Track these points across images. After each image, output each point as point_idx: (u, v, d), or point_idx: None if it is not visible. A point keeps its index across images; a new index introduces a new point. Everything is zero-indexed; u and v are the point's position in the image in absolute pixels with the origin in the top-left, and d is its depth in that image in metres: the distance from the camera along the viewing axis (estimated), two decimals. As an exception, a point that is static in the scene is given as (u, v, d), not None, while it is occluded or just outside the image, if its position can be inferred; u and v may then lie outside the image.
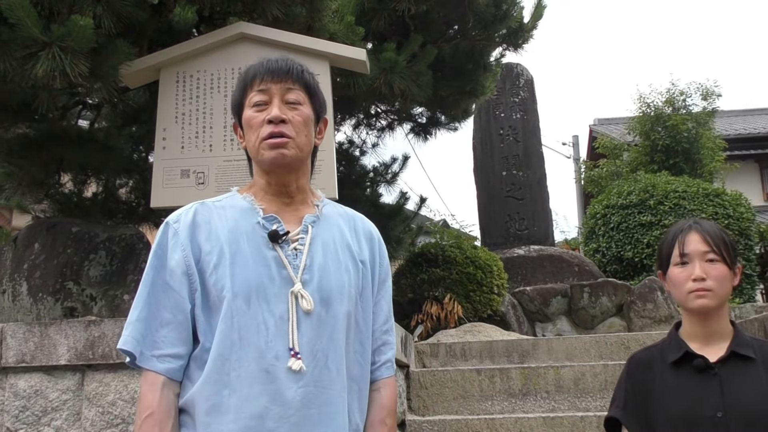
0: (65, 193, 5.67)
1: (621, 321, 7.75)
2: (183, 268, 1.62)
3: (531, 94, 10.69)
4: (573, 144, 21.58)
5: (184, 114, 4.20)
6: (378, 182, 7.31)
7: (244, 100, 1.73)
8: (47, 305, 4.25)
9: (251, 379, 1.54)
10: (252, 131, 1.70)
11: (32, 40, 3.46)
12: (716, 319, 1.94)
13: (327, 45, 4.31)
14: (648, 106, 14.90)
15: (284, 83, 1.70)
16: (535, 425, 4.06)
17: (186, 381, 1.62)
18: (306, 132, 1.71)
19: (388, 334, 1.83)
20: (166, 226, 1.69)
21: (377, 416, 1.75)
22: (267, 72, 1.71)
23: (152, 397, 1.57)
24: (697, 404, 1.85)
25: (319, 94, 1.78)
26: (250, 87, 1.72)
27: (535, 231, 10.00)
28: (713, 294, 1.89)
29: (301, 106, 1.71)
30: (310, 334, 1.59)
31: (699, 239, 1.94)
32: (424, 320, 6.81)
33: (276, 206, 1.72)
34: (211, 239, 1.64)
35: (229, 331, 1.56)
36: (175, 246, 1.64)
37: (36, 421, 3.25)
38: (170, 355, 1.60)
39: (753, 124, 22.10)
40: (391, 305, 1.87)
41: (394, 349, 1.85)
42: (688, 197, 9.97)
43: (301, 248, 1.66)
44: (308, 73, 1.76)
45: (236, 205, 1.72)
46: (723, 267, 1.91)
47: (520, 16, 5.98)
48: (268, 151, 1.66)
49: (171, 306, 1.62)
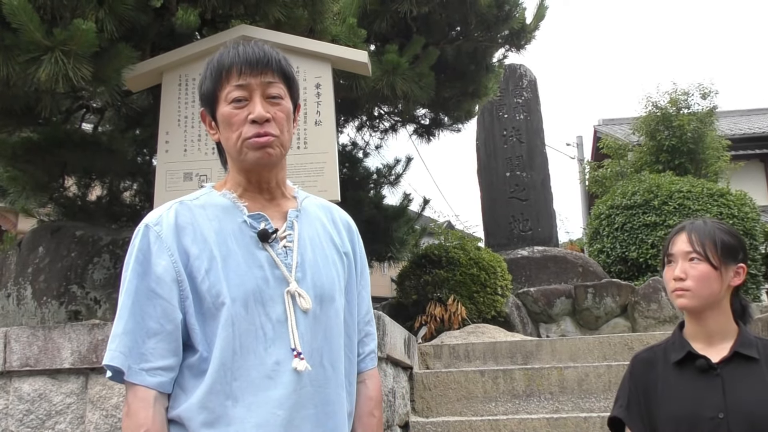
0: (69, 196, 5.69)
1: (625, 321, 7.74)
2: (172, 274, 1.53)
3: (534, 95, 10.69)
4: (577, 144, 21.55)
5: (186, 117, 4.21)
6: (381, 184, 7.31)
7: (219, 92, 1.62)
8: (52, 309, 4.27)
9: (254, 388, 1.50)
10: (232, 130, 1.60)
11: (35, 45, 3.47)
12: (713, 318, 1.94)
13: (329, 47, 4.31)
14: (654, 106, 14.89)
15: (264, 76, 1.60)
16: (539, 426, 4.06)
17: (178, 391, 1.54)
18: (288, 127, 1.64)
19: (370, 325, 1.81)
20: (146, 229, 1.57)
21: (365, 408, 1.73)
22: (245, 63, 1.59)
23: (145, 414, 1.48)
24: (699, 405, 1.85)
25: (296, 81, 1.70)
26: (227, 79, 1.61)
27: (539, 232, 9.99)
28: (691, 294, 1.91)
29: (282, 100, 1.62)
30: (307, 333, 1.56)
31: (684, 239, 1.96)
32: (428, 322, 6.81)
33: (259, 203, 1.65)
34: (197, 242, 1.56)
35: (230, 339, 1.50)
36: (160, 250, 1.54)
37: (40, 424, 3.26)
38: (160, 368, 1.51)
39: (758, 123, 22.03)
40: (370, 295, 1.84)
41: (376, 339, 1.83)
42: (693, 197, 9.94)
43: (290, 245, 1.61)
44: (285, 60, 1.66)
45: (216, 203, 1.63)
46: (705, 267, 1.92)
47: (522, 17, 5.98)
48: (253, 152, 1.58)
49: (158, 315, 1.52)
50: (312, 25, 4.58)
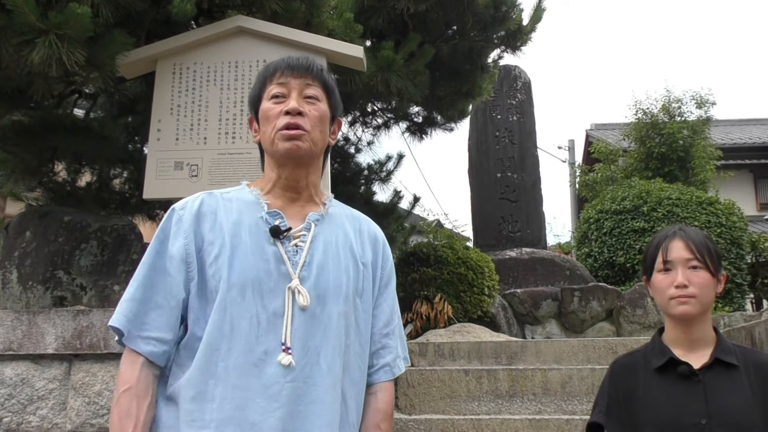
0: (58, 181, 5.65)
1: (610, 326, 7.77)
2: (183, 255, 1.64)
3: (528, 97, 10.71)
4: (569, 148, 21.61)
5: (179, 106, 4.20)
6: (372, 180, 7.31)
7: (263, 93, 1.75)
8: (37, 294, 4.24)
9: (238, 371, 1.54)
10: (268, 122, 1.71)
11: (29, 27, 3.45)
12: (699, 325, 1.94)
13: (324, 41, 4.30)
14: (644, 113, 14.95)
15: (304, 78, 1.73)
16: (521, 427, 4.07)
17: (176, 369, 1.62)
18: (321, 128, 1.74)
19: (388, 338, 1.81)
20: (171, 212, 1.70)
21: (372, 420, 1.74)
22: (287, 67, 1.73)
23: (131, 374, 1.59)
24: (681, 411, 1.86)
25: (336, 94, 1.81)
26: (270, 80, 1.74)
27: (528, 234, 10.02)
28: (696, 301, 1.90)
29: (318, 102, 1.74)
30: (303, 331, 1.59)
31: (682, 246, 1.95)
32: (414, 319, 6.82)
33: (282, 201, 1.74)
34: (214, 230, 1.66)
35: (220, 321, 1.57)
36: (177, 232, 1.66)
37: (21, 409, 3.24)
38: (155, 339, 1.61)
39: (749, 133, 22.17)
40: (395, 309, 1.85)
41: (395, 353, 1.82)
42: (682, 205, 10.00)
43: (302, 245, 1.67)
44: (328, 72, 1.79)
45: (243, 198, 1.73)
46: (706, 274, 1.92)
47: (519, 18, 5.98)
48: (283, 142, 1.68)
49: (165, 291, 1.63)
50: (309, 18, 4.56)
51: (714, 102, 15.30)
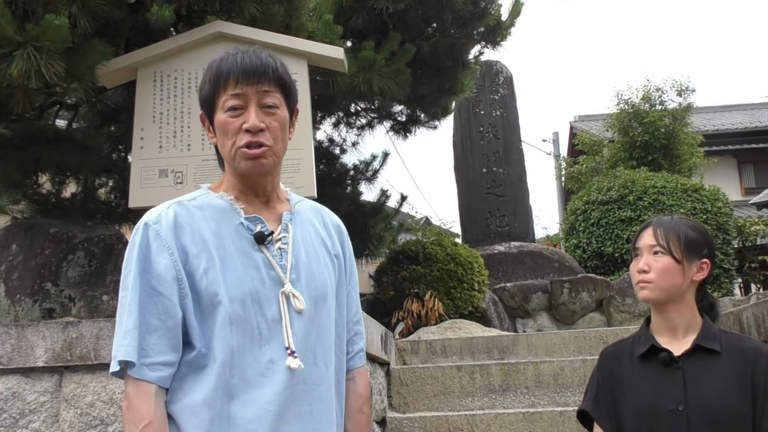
0: (43, 193, 5.63)
1: (601, 316, 7.82)
2: (173, 273, 1.57)
3: (510, 92, 10.75)
4: (553, 141, 21.72)
5: (161, 113, 4.18)
6: (359, 180, 7.31)
7: (217, 99, 1.65)
8: (25, 307, 4.23)
9: (248, 386, 1.54)
10: (227, 137, 1.63)
11: (6, 40, 3.42)
12: (675, 311, 1.97)
13: (305, 44, 4.30)
14: (625, 103, 15.03)
15: (260, 85, 1.62)
16: (515, 420, 4.09)
17: (176, 386, 1.57)
18: (282, 136, 1.67)
19: (359, 324, 1.87)
20: (145, 227, 1.60)
21: (354, 405, 1.79)
22: (242, 72, 1.61)
23: (147, 407, 1.51)
24: (660, 397, 1.89)
25: (293, 87, 1.72)
26: (224, 87, 1.63)
27: (516, 227, 10.06)
28: (654, 285, 1.95)
29: (277, 110, 1.64)
30: (301, 333, 1.60)
31: (650, 234, 2.01)
32: (405, 317, 6.83)
33: (254, 206, 1.69)
34: (196, 242, 1.59)
35: (229, 338, 1.54)
36: (159, 249, 1.58)
37: (13, 423, 3.23)
38: (161, 363, 1.55)
39: (731, 119, 22.33)
40: (359, 295, 1.90)
41: (365, 338, 1.89)
42: (667, 193, 10.07)
43: (285, 247, 1.66)
44: (282, 67, 1.68)
45: (213, 204, 1.67)
46: (668, 260, 1.95)
47: (497, 14, 6.00)
48: (246, 161, 1.62)
49: (159, 312, 1.55)
50: (288, 21, 4.56)
51: (694, 89, 15.44)
